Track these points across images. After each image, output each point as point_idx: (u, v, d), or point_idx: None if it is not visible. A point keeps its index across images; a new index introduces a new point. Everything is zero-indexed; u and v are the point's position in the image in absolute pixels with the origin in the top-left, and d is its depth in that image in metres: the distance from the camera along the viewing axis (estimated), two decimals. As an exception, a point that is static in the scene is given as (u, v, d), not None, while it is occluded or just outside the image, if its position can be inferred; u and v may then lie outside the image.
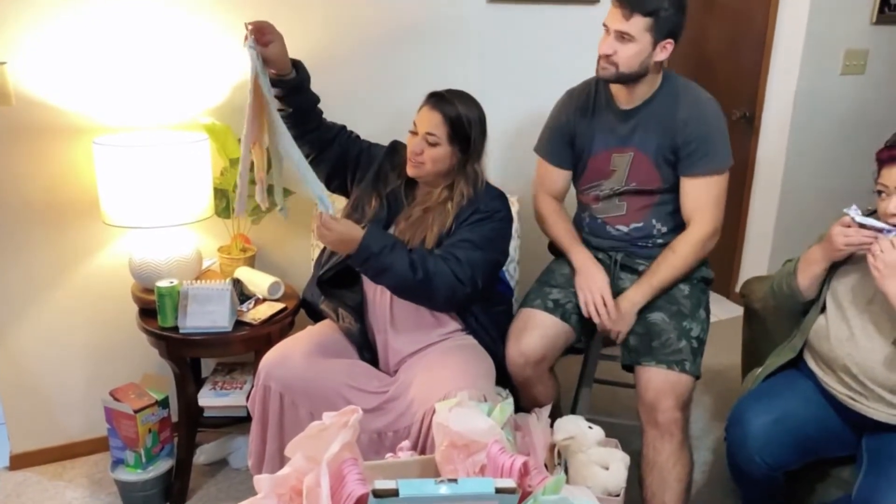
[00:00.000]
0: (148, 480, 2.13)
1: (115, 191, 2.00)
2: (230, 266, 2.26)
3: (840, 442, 1.81)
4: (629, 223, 2.08)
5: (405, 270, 1.75)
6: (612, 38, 1.85)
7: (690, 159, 1.94)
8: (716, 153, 1.93)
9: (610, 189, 2.05)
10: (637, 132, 1.98)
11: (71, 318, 2.28)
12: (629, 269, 2.10)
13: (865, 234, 1.66)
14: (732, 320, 3.43)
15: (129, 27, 2.11)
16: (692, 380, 1.92)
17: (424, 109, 1.87)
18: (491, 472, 1.29)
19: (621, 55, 1.85)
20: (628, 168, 2.01)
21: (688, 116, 1.92)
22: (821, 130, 3.48)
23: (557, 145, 2.11)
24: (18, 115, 2.06)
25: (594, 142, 2.04)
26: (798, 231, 3.51)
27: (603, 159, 2.04)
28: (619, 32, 1.83)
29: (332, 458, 1.21)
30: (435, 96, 1.88)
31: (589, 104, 2.05)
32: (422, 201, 1.92)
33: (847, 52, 3.39)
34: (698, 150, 1.92)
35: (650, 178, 2.00)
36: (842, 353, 1.74)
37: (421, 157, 1.85)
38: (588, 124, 2.04)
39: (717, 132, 1.94)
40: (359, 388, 1.81)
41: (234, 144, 2.16)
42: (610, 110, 2.01)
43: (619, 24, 1.82)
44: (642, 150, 1.98)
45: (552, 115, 2.14)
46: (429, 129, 1.84)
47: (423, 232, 1.87)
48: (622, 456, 1.84)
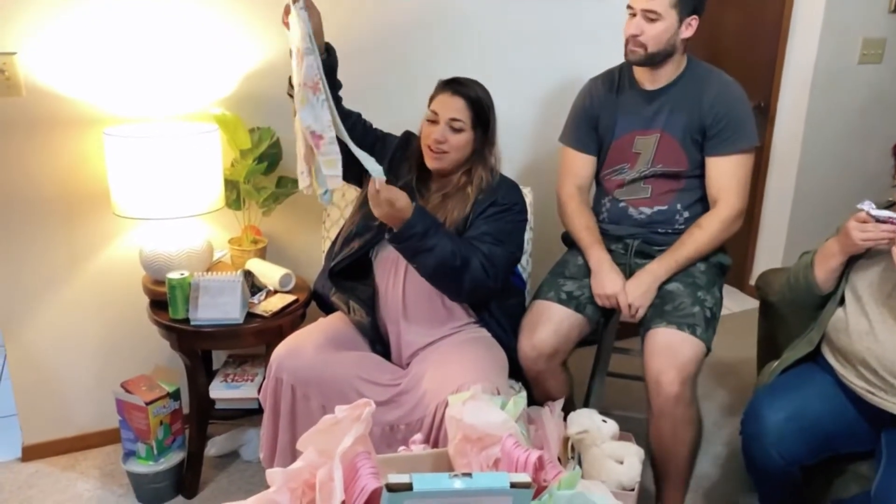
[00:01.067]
0: (159, 472, 2.13)
1: (126, 182, 2.00)
2: (241, 258, 2.25)
3: (858, 437, 1.78)
4: (653, 206, 2.07)
5: (448, 255, 1.73)
6: (639, 17, 1.89)
7: (719, 138, 1.96)
8: (744, 132, 1.96)
9: (637, 172, 2.05)
10: (663, 113, 2.00)
11: (82, 310, 2.28)
12: (645, 254, 2.08)
13: (884, 228, 1.63)
14: (747, 313, 3.41)
15: (140, 17, 2.10)
16: (701, 349, 1.88)
17: (444, 96, 1.85)
18: (505, 466, 1.28)
19: (649, 34, 1.88)
20: (655, 149, 2.02)
21: (715, 96, 1.95)
22: (837, 120, 3.44)
23: (581, 131, 2.12)
24: (29, 106, 2.05)
25: (618, 124, 2.06)
26: (814, 223, 3.47)
27: (626, 142, 2.05)
28: (645, 11, 1.87)
29: (345, 451, 1.20)
30: (452, 82, 1.87)
31: (613, 88, 2.08)
32: (439, 188, 1.91)
33: (864, 40, 3.34)
34: (727, 129, 1.94)
35: (678, 160, 2.01)
36: (861, 346, 1.71)
37: (445, 145, 1.83)
38: (612, 107, 2.07)
39: (744, 112, 1.97)
40: (371, 381, 1.80)
41: (244, 135, 2.15)
42: (634, 92, 2.04)
43: (645, 2, 1.86)
44: (669, 132, 2.00)
45: (575, 103, 2.16)
46: (453, 115, 1.83)
47: (443, 217, 1.85)
48: (636, 450, 1.83)
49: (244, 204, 2.25)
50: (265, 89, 2.28)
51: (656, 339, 1.89)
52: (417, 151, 1.93)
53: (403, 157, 1.96)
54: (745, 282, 3.75)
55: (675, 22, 1.88)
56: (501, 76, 2.59)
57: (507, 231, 1.87)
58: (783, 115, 3.46)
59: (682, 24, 1.89)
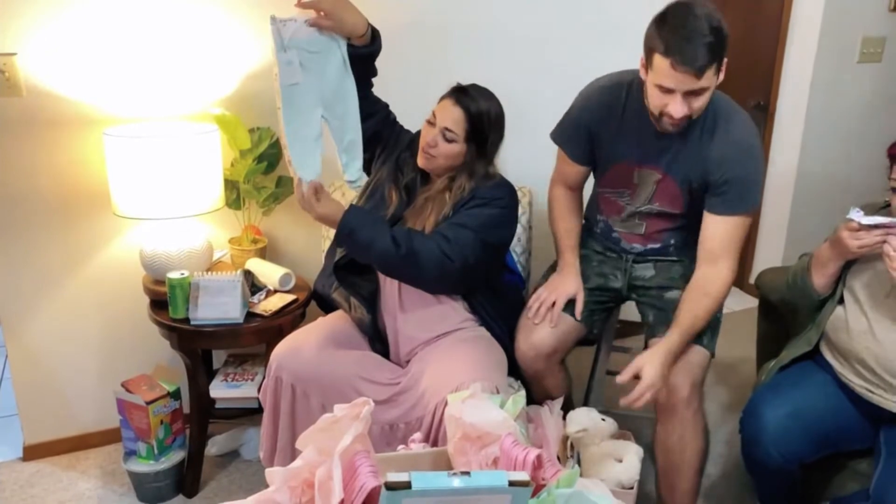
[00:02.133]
0: (160, 471, 2.13)
1: (126, 182, 2.00)
2: (241, 257, 2.26)
3: (857, 434, 1.79)
4: (646, 244, 2.03)
5: (388, 246, 1.71)
6: (681, 97, 1.64)
7: (723, 198, 1.81)
8: (749, 195, 1.81)
9: (635, 207, 1.97)
10: (668, 154, 1.84)
11: (82, 310, 2.29)
12: (642, 261, 2.07)
13: (876, 233, 1.63)
14: (747, 311, 3.40)
15: (140, 17, 2.10)
16: (707, 356, 1.88)
17: (447, 102, 1.83)
18: (504, 464, 1.28)
19: (697, 108, 1.68)
20: (655, 189, 1.91)
21: (724, 155, 1.77)
22: (837, 119, 3.44)
23: (575, 140, 1.98)
24: (29, 106, 2.06)
25: (619, 150, 1.91)
26: (813, 222, 3.47)
27: (626, 170, 1.92)
28: (691, 91, 1.64)
29: (345, 450, 1.20)
30: (459, 91, 1.85)
31: (618, 108, 1.87)
32: (425, 191, 1.90)
33: (864, 39, 3.33)
34: (732, 191, 1.79)
35: (675, 202, 1.92)
36: (860, 345, 1.72)
37: (434, 149, 1.83)
38: (614, 129, 1.89)
39: (755, 173, 1.81)
40: (370, 380, 1.81)
41: (244, 135, 2.15)
42: (641, 122, 1.83)
43: (691, 84, 1.61)
44: (671, 175, 1.87)
45: (575, 106, 1.99)
46: (448, 125, 1.81)
47: (423, 221, 1.85)
48: (636, 448, 1.83)
49: (244, 204, 2.26)
50: (265, 89, 2.28)
51: None
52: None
53: (409, 156, 1.96)
54: (745, 280, 3.75)
55: (716, 80, 1.66)
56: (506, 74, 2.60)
57: (482, 221, 1.81)
58: (783, 114, 3.46)
59: (720, 74, 1.67)
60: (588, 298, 2.01)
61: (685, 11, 1.61)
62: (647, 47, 1.67)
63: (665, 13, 1.64)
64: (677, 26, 1.59)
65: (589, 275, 2.07)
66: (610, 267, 2.09)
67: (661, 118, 1.72)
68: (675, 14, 1.62)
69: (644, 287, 2.06)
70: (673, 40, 1.58)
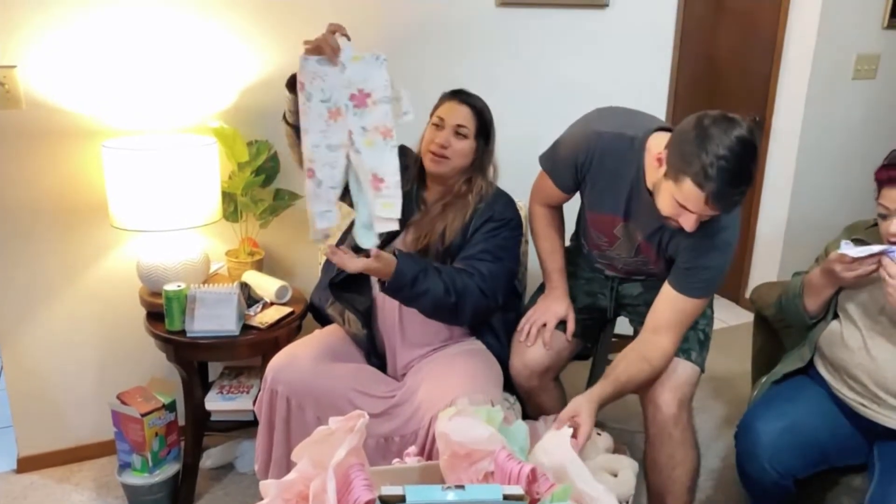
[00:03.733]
0: (155, 484, 2.12)
1: (124, 194, 2.01)
2: (238, 270, 2.26)
3: (851, 450, 1.79)
4: (629, 275, 2.05)
5: (441, 295, 1.75)
6: (697, 218, 1.58)
7: (684, 278, 1.78)
8: (711, 284, 1.79)
9: (616, 254, 1.97)
10: (650, 223, 1.81)
11: (79, 322, 2.29)
12: (629, 280, 2.07)
13: (869, 262, 1.64)
14: (742, 326, 3.41)
15: (139, 31, 2.12)
16: (696, 372, 1.88)
17: (452, 103, 1.90)
18: (499, 478, 1.28)
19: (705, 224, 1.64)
20: (635, 248, 1.91)
21: (698, 244, 1.73)
22: (832, 135, 3.46)
23: (565, 174, 1.92)
24: (28, 119, 2.07)
25: (607, 202, 1.86)
26: (808, 236, 3.49)
27: (610, 222, 1.89)
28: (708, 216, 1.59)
29: (339, 463, 1.20)
30: (459, 92, 1.92)
31: (615, 165, 1.80)
32: (439, 198, 1.93)
33: (858, 56, 3.37)
34: (695, 277, 1.77)
35: (654, 263, 1.92)
36: (853, 361, 1.72)
37: (448, 150, 1.86)
38: (605, 183, 1.84)
39: (719, 267, 1.76)
40: (366, 393, 1.81)
41: (242, 148, 2.16)
42: (634, 189, 1.79)
43: (714, 213, 1.57)
44: (650, 243, 1.86)
45: (570, 142, 1.88)
46: (460, 122, 1.87)
47: (444, 224, 1.87)
48: (630, 463, 1.82)
49: (241, 216, 2.26)
50: (263, 103, 2.30)
51: None
52: (416, 163, 1.95)
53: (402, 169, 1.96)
54: (740, 295, 3.76)
55: None
56: (503, 88, 2.62)
57: (505, 247, 1.89)
58: (778, 129, 3.48)
59: None
60: (578, 316, 2.02)
61: (727, 133, 1.47)
62: (678, 160, 1.52)
63: (706, 130, 1.49)
64: (723, 160, 1.46)
65: (577, 294, 2.07)
66: (598, 285, 2.10)
67: (668, 219, 1.66)
68: (720, 141, 1.47)
69: (632, 304, 2.07)
70: (713, 173, 1.46)
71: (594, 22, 2.71)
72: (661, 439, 1.83)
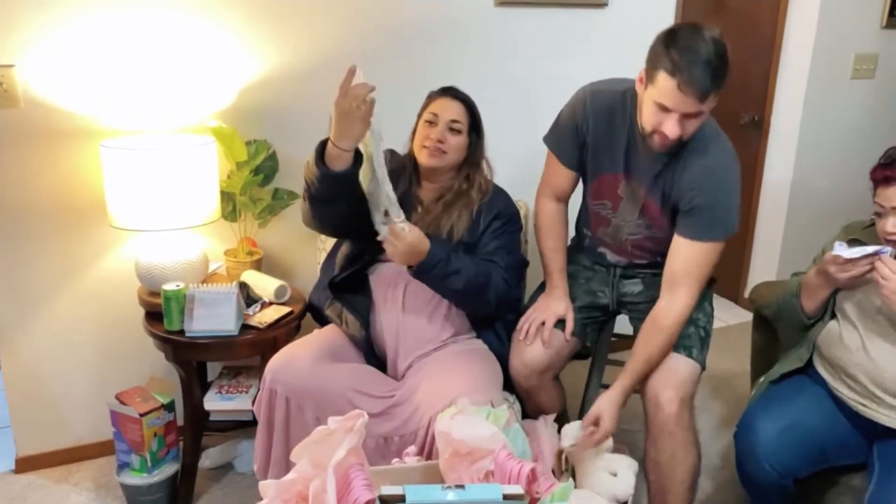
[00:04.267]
0: (153, 484, 2.12)
1: (123, 194, 2.00)
2: (237, 269, 2.26)
3: (851, 449, 1.79)
4: (632, 259, 2.05)
5: (472, 273, 1.81)
6: (678, 118, 1.63)
7: (690, 222, 1.79)
8: (719, 223, 1.78)
9: (622, 220, 1.96)
10: (650, 172, 1.84)
11: (77, 321, 2.28)
12: (630, 276, 2.08)
13: (862, 262, 1.65)
14: (741, 325, 3.41)
15: (137, 30, 2.11)
16: (698, 370, 1.88)
17: (444, 100, 1.93)
18: (499, 478, 1.28)
19: (689, 130, 1.67)
20: (640, 206, 1.91)
21: (695, 180, 1.76)
22: (830, 135, 3.46)
23: (567, 144, 1.96)
24: (26, 118, 2.06)
25: (607, 160, 1.90)
26: (807, 236, 3.49)
27: (612, 181, 1.92)
28: (688, 114, 1.63)
29: (339, 463, 1.20)
30: (449, 89, 1.96)
31: (611, 117, 1.87)
32: (438, 196, 1.95)
33: (857, 56, 3.37)
34: (701, 217, 1.78)
35: (658, 222, 1.91)
36: (852, 360, 1.72)
37: (444, 145, 1.89)
38: (605, 137, 1.89)
39: (724, 202, 1.78)
40: (365, 393, 1.80)
41: (241, 147, 2.16)
42: (632, 136, 1.84)
43: (692, 107, 1.61)
44: (651, 196, 1.87)
45: (568, 107, 1.96)
46: (454, 117, 1.90)
47: (450, 223, 1.90)
48: (630, 462, 1.83)
49: (240, 216, 2.26)
50: (262, 102, 2.30)
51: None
52: (409, 164, 1.97)
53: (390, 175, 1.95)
54: (739, 294, 3.76)
55: (711, 107, 1.66)
56: (500, 86, 2.62)
57: (516, 242, 2.00)
58: (777, 129, 3.48)
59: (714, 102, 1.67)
60: (578, 315, 2.02)
61: (696, 34, 1.58)
62: (650, 63, 1.64)
63: (674, 32, 1.61)
64: (688, 48, 1.56)
65: (577, 293, 2.07)
66: (598, 283, 2.10)
67: (651, 136, 1.70)
68: (686, 35, 1.59)
69: (633, 302, 2.07)
70: (682, 62, 1.56)
71: (593, 21, 2.71)
72: (663, 438, 1.83)
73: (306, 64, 2.32)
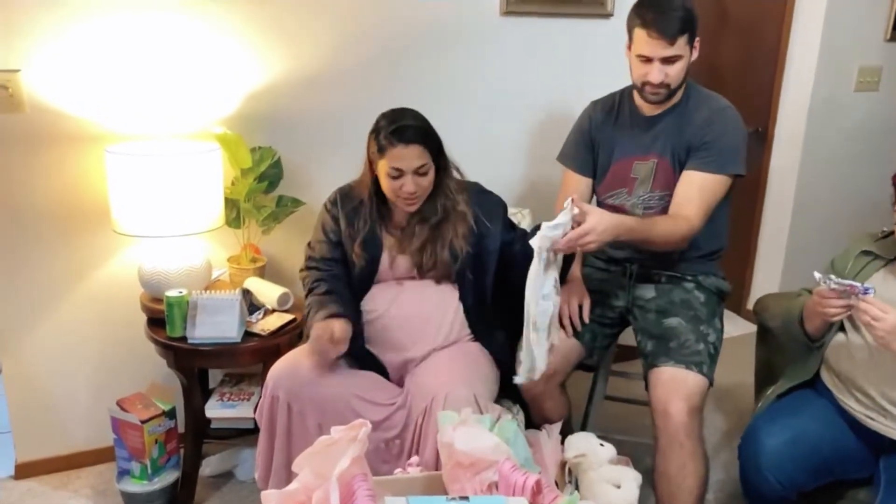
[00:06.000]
0: (153, 492, 2.11)
1: (127, 199, 2.00)
2: (240, 276, 2.25)
3: (857, 462, 1.78)
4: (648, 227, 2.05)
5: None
6: (659, 64, 1.86)
7: (698, 157, 1.94)
8: (726, 159, 1.92)
9: (636, 197, 2.04)
10: (660, 139, 2.00)
11: (79, 327, 2.28)
12: (645, 278, 2.08)
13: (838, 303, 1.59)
14: (744, 337, 3.40)
15: (142, 36, 2.11)
16: (706, 384, 1.88)
17: (397, 149, 1.76)
18: (503, 489, 1.27)
19: (672, 76, 1.88)
20: (653, 176, 2.01)
21: (705, 119, 1.95)
22: (834, 147, 3.46)
23: (579, 152, 2.13)
24: (32, 123, 2.06)
25: (616, 149, 2.06)
26: (811, 248, 3.48)
27: (625, 167, 2.04)
28: (665, 58, 1.86)
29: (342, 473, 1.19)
30: (397, 132, 1.76)
31: (612, 113, 2.09)
32: (421, 220, 1.89)
33: (861, 68, 3.37)
34: (710, 152, 1.92)
35: (671, 184, 1.99)
36: (860, 373, 1.71)
37: (418, 190, 1.81)
38: (611, 132, 2.07)
39: (733, 139, 1.94)
40: (368, 400, 1.79)
41: (245, 154, 2.16)
42: (634, 119, 2.04)
43: (665, 51, 1.84)
44: (664, 156, 1.99)
45: (576, 124, 2.18)
46: (417, 164, 1.78)
47: (448, 241, 1.86)
48: (634, 474, 1.81)
49: (244, 223, 2.26)
50: (267, 109, 2.30)
51: (663, 376, 1.88)
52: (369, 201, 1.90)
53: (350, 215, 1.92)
54: (742, 306, 3.75)
55: (688, 54, 1.89)
56: (499, 98, 2.62)
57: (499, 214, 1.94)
58: (781, 140, 3.48)
59: (692, 50, 1.90)
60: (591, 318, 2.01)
61: None
62: (628, 27, 1.92)
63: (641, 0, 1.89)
64: (653, 3, 1.85)
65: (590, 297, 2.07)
66: (613, 285, 2.11)
67: (643, 88, 1.93)
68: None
69: (643, 308, 2.06)
70: (649, 14, 1.84)
71: (599, 31, 2.71)
72: (673, 449, 1.82)
73: (311, 71, 2.32)
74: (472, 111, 2.59)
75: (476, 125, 2.60)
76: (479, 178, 2.00)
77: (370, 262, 1.90)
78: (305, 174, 2.39)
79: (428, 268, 1.89)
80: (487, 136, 2.63)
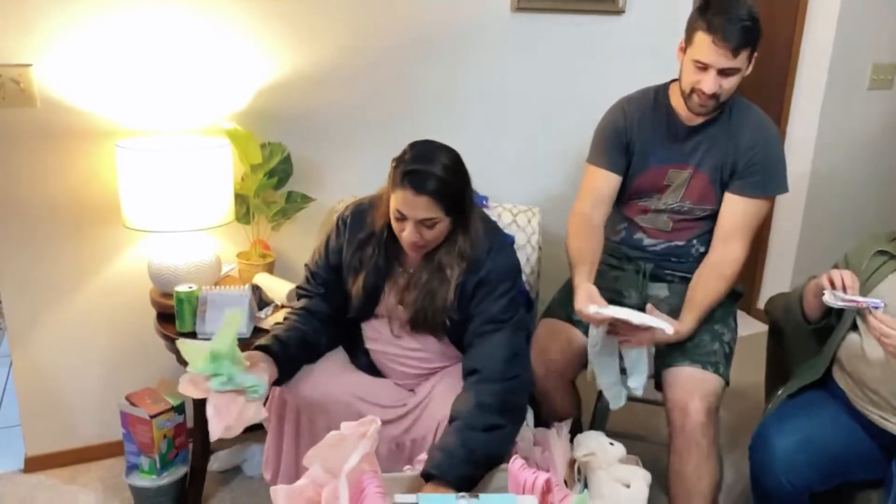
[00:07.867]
0: (162, 486, 2.11)
1: (137, 194, 2.00)
2: (249, 272, 2.25)
3: (869, 463, 1.76)
4: (671, 240, 2.04)
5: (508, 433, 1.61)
6: (715, 74, 1.78)
7: (747, 181, 1.91)
8: (773, 180, 1.93)
9: (664, 203, 2.00)
10: (699, 150, 1.94)
11: (89, 322, 2.28)
12: (658, 278, 2.07)
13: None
14: (755, 336, 3.38)
15: (153, 31, 2.12)
16: (722, 384, 1.87)
17: (407, 194, 1.57)
18: (513, 488, 1.27)
19: (726, 89, 1.81)
20: (685, 187, 1.97)
21: (753, 139, 1.91)
22: (847, 145, 3.44)
23: (613, 150, 2.00)
24: (43, 118, 2.07)
25: (652, 155, 1.98)
26: (822, 247, 3.46)
27: (659, 174, 1.99)
28: (723, 69, 1.78)
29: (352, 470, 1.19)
30: (411, 174, 1.56)
31: (648, 112, 1.99)
32: (425, 264, 1.73)
33: (874, 66, 3.34)
34: (758, 174, 1.90)
35: (706, 197, 1.97)
36: (874, 375, 1.70)
37: (421, 240, 1.63)
38: (647, 135, 1.98)
39: (778, 160, 1.94)
40: (377, 403, 1.78)
41: (255, 150, 2.16)
42: (672, 125, 1.97)
43: (727, 62, 1.76)
44: (701, 169, 1.95)
45: (606, 121, 2.04)
46: (422, 217, 1.59)
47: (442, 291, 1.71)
48: (643, 474, 1.80)
49: (253, 218, 2.26)
50: (277, 105, 2.29)
51: (680, 375, 1.87)
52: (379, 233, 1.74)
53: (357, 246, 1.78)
54: (753, 305, 3.73)
55: (745, 67, 1.81)
56: (511, 96, 2.61)
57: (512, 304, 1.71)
58: (793, 139, 3.45)
59: (750, 65, 1.83)
60: None
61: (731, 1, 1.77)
62: (689, 27, 1.82)
63: (708, 3, 1.79)
64: (722, 10, 1.75)
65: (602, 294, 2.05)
66: (625, 283, 2.09)
67: (691, 95, 1.84)
68: (720, 2, 1.77)
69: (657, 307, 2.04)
70: (716, 20, 1.74)
71: (610, 28, 2.69)
72: (689, 449, 1.81)
73: (322, 67, 2.32)
74: (483, 108, 2.58)
75: (487, 122, 2.59)
76: (489, 175, 1.97)
77: (367, 303, 1.82)
78: (315, 170, 2.39)
79: (418, 326, 1.78)
80: (499, 132, 2.62)
